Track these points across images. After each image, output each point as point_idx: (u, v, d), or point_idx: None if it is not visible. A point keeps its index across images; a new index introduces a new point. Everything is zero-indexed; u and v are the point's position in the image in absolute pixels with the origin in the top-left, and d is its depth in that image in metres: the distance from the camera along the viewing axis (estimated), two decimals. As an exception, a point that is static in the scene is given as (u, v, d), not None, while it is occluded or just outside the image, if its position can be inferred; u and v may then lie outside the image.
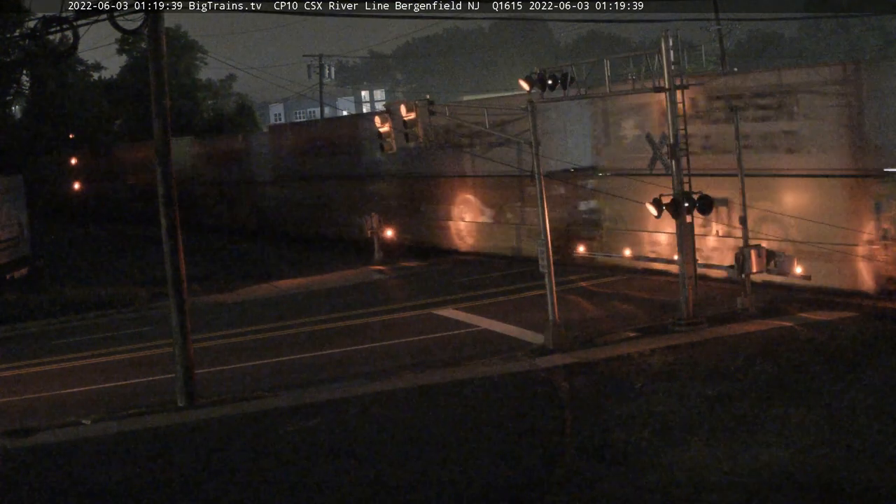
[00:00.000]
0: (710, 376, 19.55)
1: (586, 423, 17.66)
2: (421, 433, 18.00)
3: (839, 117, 25.31)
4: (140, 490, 16.30)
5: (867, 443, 15.34)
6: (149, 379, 23.59)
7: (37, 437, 19.35)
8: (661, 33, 24.24)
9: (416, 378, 21.55)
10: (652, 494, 14.26)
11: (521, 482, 15.22)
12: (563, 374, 20.80)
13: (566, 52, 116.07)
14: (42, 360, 26.84)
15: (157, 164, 21.42)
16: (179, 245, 21.33)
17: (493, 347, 23.85)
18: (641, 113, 30.10)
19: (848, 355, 20.27)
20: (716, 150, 28.09)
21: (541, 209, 23.71)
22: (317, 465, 16.75)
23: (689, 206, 23.84)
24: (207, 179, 59.52)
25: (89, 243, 56.07)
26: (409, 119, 25.25)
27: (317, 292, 34.49)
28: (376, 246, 39.03)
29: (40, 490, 16.73)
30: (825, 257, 25.59)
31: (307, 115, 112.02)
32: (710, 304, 25.16)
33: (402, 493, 15.25)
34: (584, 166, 32.94)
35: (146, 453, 18.12)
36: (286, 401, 20.63)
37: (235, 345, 26.85)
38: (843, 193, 25.52)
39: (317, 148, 49.56)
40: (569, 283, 29.65)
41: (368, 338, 26.13)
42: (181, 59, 75.47)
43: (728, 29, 49.25)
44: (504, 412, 18.87)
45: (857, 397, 17.49)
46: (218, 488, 16.07)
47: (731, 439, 15.99)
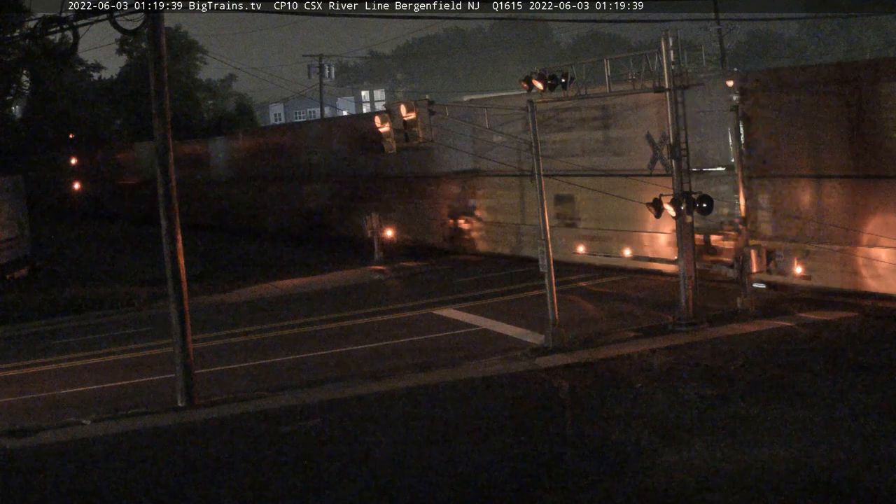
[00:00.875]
0: (710, 376, 19.55)
1: (586, 423, 17.66)
2: (421, 433, 18.00)
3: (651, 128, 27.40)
4: (140, 490, 16.30)
5: (867, 443, 15.34)
6: (149, 379, 23.59)
7: (37, 437, 19.35)
8: (661, 33, 24.25)
9: (416, 378, 21.55)
10: (652, 495, 14.26)
11: (521, 482, 15.22)
12: (563, 374, 20.80)
13: (566, 52, 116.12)
14: (42, 360, 26.83)
15: (156, 164, 21.43)
16: (179, 245, 21.32)
17: (492, 347, 23.85)
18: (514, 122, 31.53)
19: (848, 355, 20.28)
20: (567, 153, 32.34)
21: (541, 209, 23.71)
22: (317, 465, 16.75)
23: (690, 206, 23.84)
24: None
25: (89, 243, 56.07)
26: (409, 119, 25.21)
27: (317, 292, 34.49)
28: (376, 246, 39.05)
29: (40, 490, 16.74)
30: (627, 239, 30.76)
31: (307, 114, 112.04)
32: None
33: (401, 493, 15.25)
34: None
35: (146, 453, 18.12)
36: (286, 401, 20.63)
37: (235, 345, 26.85)
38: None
39: (262, 152, 55.86)
40: (569, 283, 29.66)
41: (368, 338, 26.13)
42: (181, 59, 75.49)
43: (728, 29, 49.30)
44: (504, 412, 18.87)
45: (857, 397, 17.50)
46: (218, 488, 16.07)
47: (731, 439, 15.98)
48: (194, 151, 61.89)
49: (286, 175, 52.48)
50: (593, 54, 57.54)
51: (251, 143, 58.55)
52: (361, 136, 43.94)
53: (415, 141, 25.58)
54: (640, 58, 25.04)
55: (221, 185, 59.23)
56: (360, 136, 44.54)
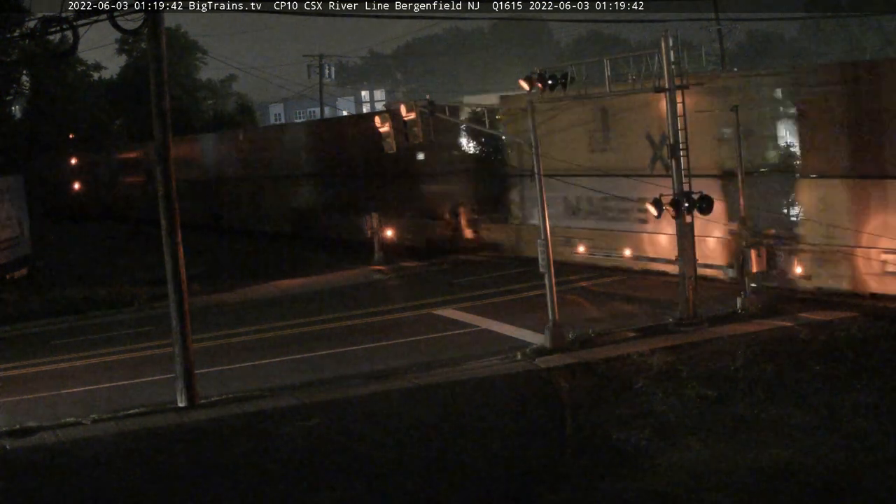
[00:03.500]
0: (709, 376, 19.54)
1: (586, 423, 17.66)
2: (420, 433, 18.00)
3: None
4: (140, 490, 16.31)
5: (867, 443, 15.34)
6: (149, 379, 23.57)
7: (37, 437, 19.34)
8: (661, 33, 24.25)
9: (416, 378, 21.54)
10: (652, 494, 14.27)
11: (521, 482, 15.23)
12: (563, 374, 20.80)
13: (566, 52, 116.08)
14: (42, 360, 26.81)
15: (156, 164, 21.41)
16: (179, 245, 21.31)
17: (493, 347, 23.84)
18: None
19: (848, 355, 20.27)
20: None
21: (541, 209, 23.71)
22: (316, 465, 16.75)
23: (689, 206, 23.83)
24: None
25: (89, 243, 56.05)
26: (409, 119, 25.22)
27: (317, 292, 34.48)
28: (376, 246, 39.04)
29: (40, 490, 16.74)
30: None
31: (307, 114, 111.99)
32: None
33: (401, 493, 15.26)
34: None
35: (146, 453, 18.12)
36: (286, 401, 20.62)
37: (235, 345, 26.84)
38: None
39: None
40: (569, 283, 29.65)
41: (368, 338, 26.13)
42: (181, 59, 75.42)
43: (728, 29, 49.30)
44: (504, 412, 18.88)
45: (857, 397, 17.49)
46: (218, 488, 16.08)
47: (731, 439, 15.99)
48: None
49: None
50: (593, 54, 57.50)
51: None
52: (361, 135, 43.95)
53: (415, 141, 25.61)
54: (640, 58, 25.05)
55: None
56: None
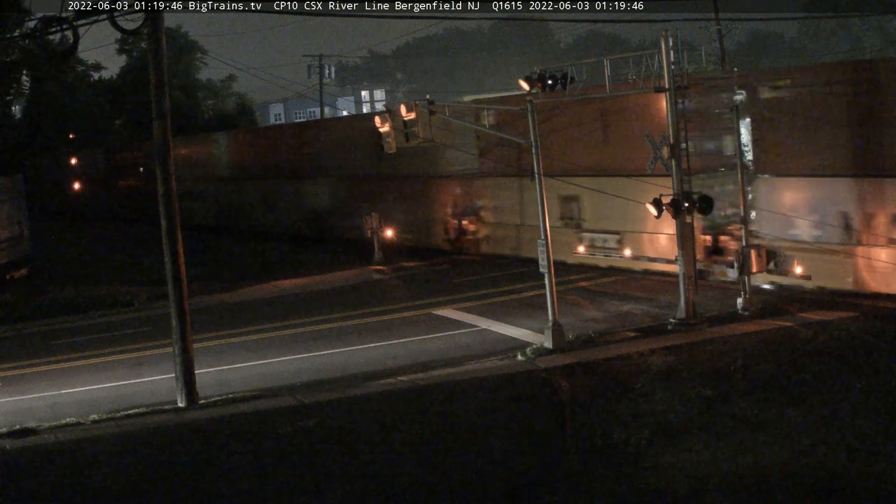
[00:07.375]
0: (709, 376, 19.55)
1: (586, 423, 17.66)
2: (420, 433, 18.00)
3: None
4: (140, 490, 16.31)
5: (867, 443, 15.34)
6: (149, 379, 23.59)
7: (37, 437, 19.35)
8: (661, 33, 24.24)
9: (416, 378, 21.55)
10: (652, 494, 14.27)
11: (522, 482, 15.23)
12: (563, 374, 20.80)
13: (566, 52, 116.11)
14: (42, 360, 26.81)
15: (156, 165, 21.42)
16: (179, 245, 21.32)
17: (493, 347, 23.85)
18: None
19: (848, 355, 20.28)
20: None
21: (541, 209, 23.70)
22: (316, 465, 16.75)
23: (690, 206, 23.84)
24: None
25: (89, 243, 56.03)
26: (409, 119, 25.21)
27: (317, 292, 34.48)
28: (376, 246, 39.04)
29: (40, 490, 16.74)
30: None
31: (307, 114, 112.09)
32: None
33: (401, 492, 15.26)
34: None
35: (146, 453, 18.12)
36: (286, 401, 20.63)
37: (235, 345, 26.85)
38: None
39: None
40: (569, 283, 29.65)
41: (368, 338, 26.13)
42: (181, 59, 75.42)
43: (728, 29, 49.20)
44: (504, 412, 18.88)
45: (857, 397, 17.49)
46: (218, 488, 16.08)
47: (731, 439, 15.99)
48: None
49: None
50: (593, 54, 57.50)
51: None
52: (361, 136, 43.96)
53: (415, 141, 25.59)
54: (640, 58, 25.04)
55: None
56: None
